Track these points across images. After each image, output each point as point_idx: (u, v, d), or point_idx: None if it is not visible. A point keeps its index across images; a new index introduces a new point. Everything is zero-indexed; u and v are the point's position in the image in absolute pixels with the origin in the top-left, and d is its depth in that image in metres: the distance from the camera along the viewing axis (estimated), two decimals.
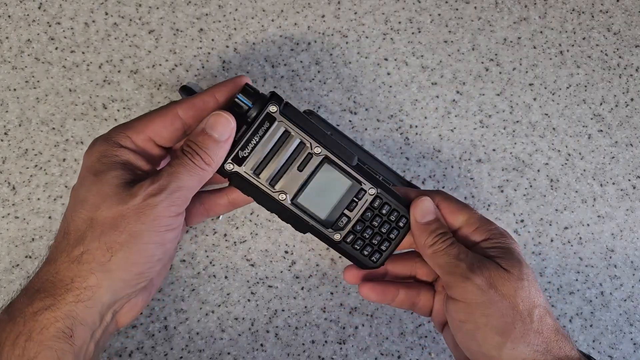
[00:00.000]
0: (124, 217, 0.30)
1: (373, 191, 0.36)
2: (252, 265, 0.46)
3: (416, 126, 0.49)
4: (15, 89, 0.47)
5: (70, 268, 0.30)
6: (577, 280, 0.48)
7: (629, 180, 0.50)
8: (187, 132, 0.34)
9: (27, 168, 0.46)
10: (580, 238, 0.49)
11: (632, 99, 0.51)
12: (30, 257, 0.45)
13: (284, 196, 0.35)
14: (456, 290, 0.33)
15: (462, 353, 0.35)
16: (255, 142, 0.34)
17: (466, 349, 0.34)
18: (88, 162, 0.32)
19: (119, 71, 0.48)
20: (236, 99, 0.34)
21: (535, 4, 0.52)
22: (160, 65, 0.48)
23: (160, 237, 0.31)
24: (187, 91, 0.47)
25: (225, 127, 0.33)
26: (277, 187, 0.35)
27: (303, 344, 0.45)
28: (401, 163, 0.48)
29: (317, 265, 0.46)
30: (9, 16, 0.48)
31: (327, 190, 0.36)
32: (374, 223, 0.36)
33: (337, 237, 0.36)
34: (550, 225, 0.49)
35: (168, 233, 0.32)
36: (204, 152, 0.32)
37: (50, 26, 0.48)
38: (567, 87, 0.51)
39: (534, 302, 0.32)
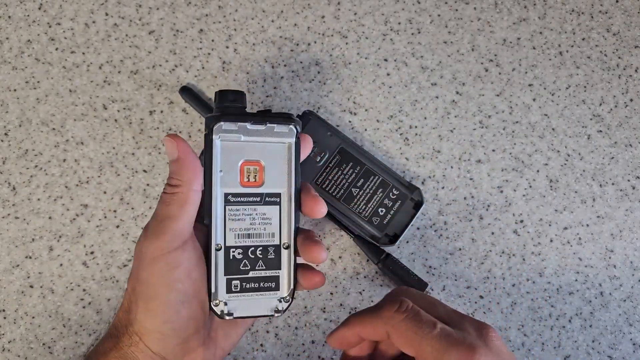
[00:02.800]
0: (141, 269, 0.30)
1: None
2: None
3: (416, 127, 0.49)
4: (15, 90, 0.47)
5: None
6: (576, 280, 0.48)
7: (628, 180, 0.50)
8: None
9: (27, 168, 0.46)
10: (580, 238, 0.49)
11: (631, 100, 0.51)
12: (30, 257, 0.45)
13: None
14: None
15: None
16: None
17: None
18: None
19: (119, 72, 0.48)
20: None
21: (534, 4, 0.52)
22: (160, 65, 0.48)
23: (165, 278, 0.30)
24: (187, 92, 0.47)
25: (171, 147, 0.32)
26: None
27: (303, 344, 0.45)
28: (401, 163, 0.48)
29: (316, 265, 0.46)
30: (9, 17, 0.48)
31: None
32: None
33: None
34: (549, 225, 0.49)
35: (171, 272, 0.30)
36: (170, 177, 0.32)
37: (50, 27, 0.48)
38: (567, 88, 0.51)
39: None
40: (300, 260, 0.34)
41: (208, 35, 0.49)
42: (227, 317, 0.32)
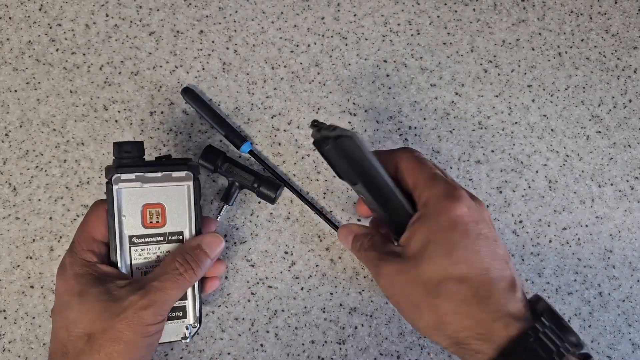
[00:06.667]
0: (118, 329, 0.33)
1: None
2: (252, 265, 0.46)
3: (415, 127, 0.49)
4: (16, 90, 0.47)
5: None
6: (575, 280, 0.48)
7: (627, 181, 0.50)
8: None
9: (28, 169, 0.46)
10: (579, 239, 0.49)
11: (630, 100, 0.52)
12: (30, 257, 0.45)
13: None
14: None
15: None
16: None
17: None
18: (65, 285, 0.35)
19: (119, 73, 0.48)
20: None
21: (533, 6, 0.53)
22: (160, 66, 0.48)
23: (150, 340, 0.35)
24: (189, 93, 0.47)
25: (219, 248, 0.38)
26: None
27: (303, 344, 0.45)
28: None
29: (316, 265, 0.47)
30: (10, 18, 0.48)
31: None
32: None
33: None
34: (548, 226, 0.49)
35: (155, 335, 0.36)
36: (197, 265, 0.37)
37: (51, 28, 0.48)
38: (566, 89, 0.51)
39: (437, 279, 0.32)
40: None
41: (208, 37, 0.49)
42: None
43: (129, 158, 0.37)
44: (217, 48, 0.49)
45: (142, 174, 0.36)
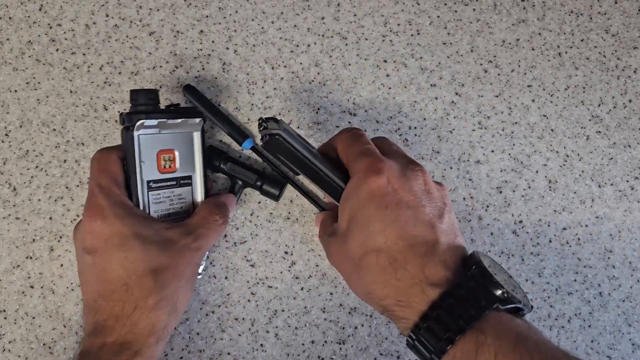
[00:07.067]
0: (180, 267, 0.36)
1: None
2: (252, 265, 0.46)
3: (415, 127, 0.49)
4: (16, 91, 0.47)
5: (148, 316, 0.35)
6: (575, 280, 0.48)
7: (627, 181, 0.50)
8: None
9: (28, 169, 0.46)
10: (579, 239, 0.49)
11: (630, 100, 0.52)
12: (30, 257, 0.45)
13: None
14: None
15: None
16: None
17: None
18: (112, 227, 0.35)
19: (119, 73, 0.48)
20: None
21: (533, 6, 0.53)
22: (160, 67, 0.48)
23: (195, 278, 0.39)
24: (190, 90, 0.47)
25: (234, 204, 0.44)
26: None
27: (303, 344, 0.45)
28: None
29: (316, 265, 0.47)
30: (10, 18, 0.48)
31: None
32: None
33: None
34: (548, 226, 0.49)
35: (197, 276, 0.40)
36: (228, 217, 0.41)
37: (51, 28, 0.48)
38: (566, 89, 0.51)
39: (360, 253, 0.34)
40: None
41: (208, 37, 0.49)
42: None
43: (148, 105, 0.38)
44: (217, 48, 0.49)
45: (164, 120, 0.38)
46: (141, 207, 0.38)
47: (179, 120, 0.39)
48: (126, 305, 0.34)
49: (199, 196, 0.42)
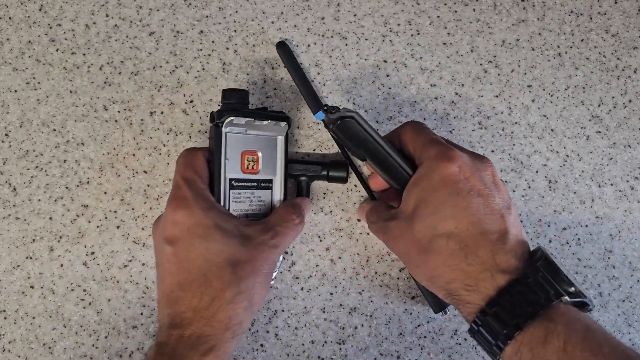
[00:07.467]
0: (259, 262, 0.36)
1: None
2: None
3: None
4: (16, 91, 0.47)
5: (226, 310, 0.35)
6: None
7: (627, 181, 0.50)
8: None
9: (28, 169, 0.46)
10: (579, 239, 0.49)
11: (630, 101, 0.52)
12: (30, 257, 0.45)
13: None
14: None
15: None
16: None
17: None
18: (195, 218, 0.35)
19: (119, 73, 0.48)
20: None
21: (533, 6, 0.53)
22: (160, 67, 0.48)
23: (271, 277, 0.39)
24: (282, 48, 0.48)
25: (309, 204, 0.44)
26: None
27: (303, 344, 0.45)
28: None
29: (316, 265, 0.47)
30: (10, 18, 0.48)
31: None
32: None
33: None
34: (548, 226, 0.49)
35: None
36: (304, 218, 0.41)
37: (51, 28, 0.49)
38: (566, 89, 0.51)
39: (428, 236, 0.34)
40: None
41: (208, 37, 0.49)
42: None
43: (239, 104, 0.39)
44: (217, 48, 0.49)
45: (252, 119, 0.39)
46: (222, 204, 0.38)
47: (266, 122, 0.40)
48: (204, 296, 0.34)
49: (278, 201, 0.42)
